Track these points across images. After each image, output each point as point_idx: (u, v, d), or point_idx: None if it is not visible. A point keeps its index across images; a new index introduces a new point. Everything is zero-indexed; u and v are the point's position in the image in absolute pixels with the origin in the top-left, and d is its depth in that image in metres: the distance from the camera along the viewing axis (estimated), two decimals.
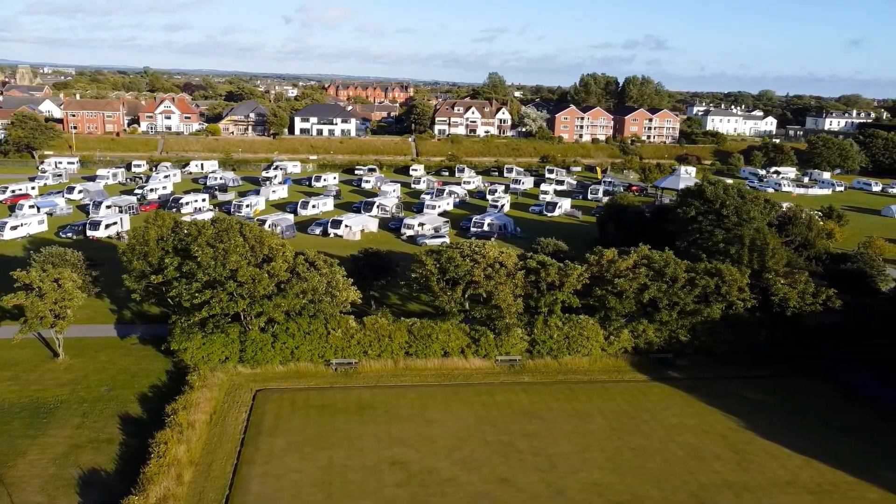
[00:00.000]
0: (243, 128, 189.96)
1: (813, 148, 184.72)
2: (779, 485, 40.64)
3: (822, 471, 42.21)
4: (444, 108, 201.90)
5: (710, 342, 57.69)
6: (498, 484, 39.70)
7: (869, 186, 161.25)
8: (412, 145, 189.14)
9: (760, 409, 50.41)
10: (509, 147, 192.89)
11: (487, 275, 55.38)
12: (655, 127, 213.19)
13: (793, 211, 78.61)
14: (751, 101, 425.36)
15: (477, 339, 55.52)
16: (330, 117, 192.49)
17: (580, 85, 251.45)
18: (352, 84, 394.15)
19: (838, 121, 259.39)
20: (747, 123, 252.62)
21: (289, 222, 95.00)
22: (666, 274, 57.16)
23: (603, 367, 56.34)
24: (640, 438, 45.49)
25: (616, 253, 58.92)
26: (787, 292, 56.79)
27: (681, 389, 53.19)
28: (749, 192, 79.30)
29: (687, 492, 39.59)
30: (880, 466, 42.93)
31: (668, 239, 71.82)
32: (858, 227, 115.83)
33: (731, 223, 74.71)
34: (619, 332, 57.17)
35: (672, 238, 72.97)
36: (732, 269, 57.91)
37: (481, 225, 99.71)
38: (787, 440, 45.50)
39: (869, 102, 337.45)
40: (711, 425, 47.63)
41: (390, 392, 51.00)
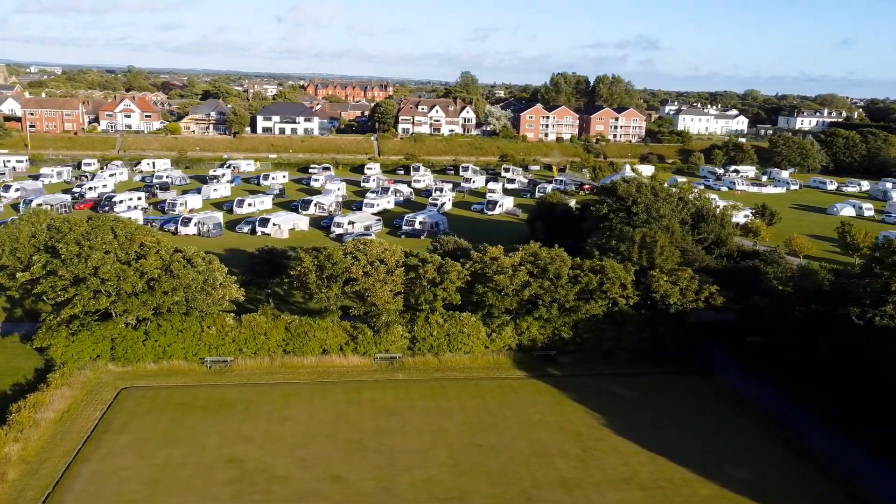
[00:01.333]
0: (204, 126, 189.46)
1: (774, 147, 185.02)
2: (614, 482, 40.56)
3: (665, 468, 42.15)
4: (408, 107, 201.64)
5: (592, 339, 57.61)
6: (329, 482, 39.55)
7: (824, 185, 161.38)
8: (374, 144, 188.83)
9: (627, 406, 50.42)
10: (472, 146, 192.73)
11: (366, 272, 55.21)
12: (622, 126, 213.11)
13: (706, 209, 78.52)
14: (736, 100, 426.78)
15: (355, 336, 55.37)
16: (293, 116, 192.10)
17: (551, 84, 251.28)
18: (331, 83, 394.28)
19: (809, 120, 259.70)
20: (719, 123, 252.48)
21: (216, 221, 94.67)
22: (549, 271, 57.09)
23: (483, 365, 56.26)
24: (492, 436, 45.37)
25: (502, 250, 58.80)
26: (667, 289, 56.75)
27: (555, 387, 53.09)
28: (663, 189, 79.18)
29: (518, 489, 39.48)
30: (726, 463, 42.91)
31: (586, 236, 71.98)
32: (802, 225, 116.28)
33: (640, 220, 74.67)
34: (502, 329, 57.07)
35: (588, 236, 73.03)
36: (616, 266, 57.87)
37: (412, 223, 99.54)
38: (641, 437, 45.41)
39: (844, 102, 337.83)
40: (571, 422, 47.55)
41: (258, 390, 50.87)
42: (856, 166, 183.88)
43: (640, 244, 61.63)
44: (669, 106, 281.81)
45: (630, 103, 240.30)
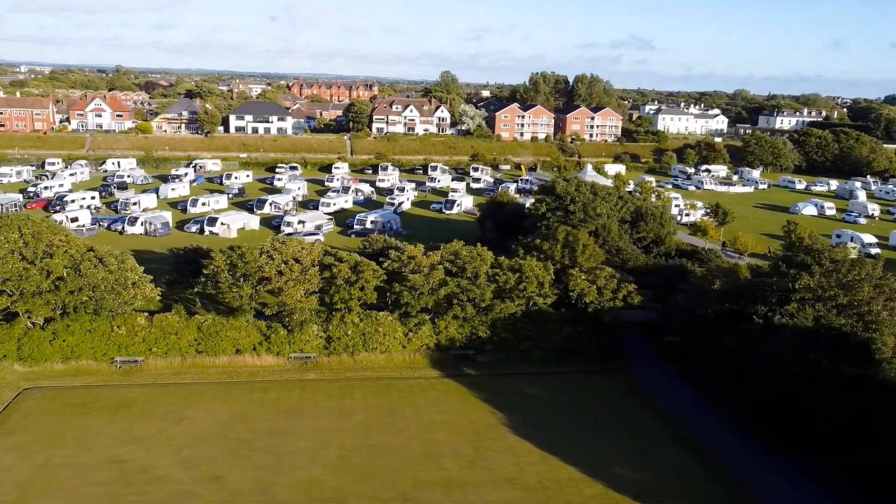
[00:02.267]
0: (177, 126, 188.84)
1: (746, 146, 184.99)
2: (499, 482, 40.20)
3: (555, 468, 41.80)
4: (382, 106, 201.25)
5: (510, 339, 57.22)
6: (207, 482, 39.14)
7: (793, 184, 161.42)
8: (347, 143, 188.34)
9: (536, 406, 50.08)
10: (446, 145, 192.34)
11: (280, 271, 54.80)
12: (598, 125, 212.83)
13: (645, 208, 78.19)
14: (725, 99, 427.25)
15: (269, 336, 54.98)
16: (266, 115, 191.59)
17: (530, 84, 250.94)
18: (316, 83, 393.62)
19: (789, 119, 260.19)
20: (699, 122, 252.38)
21: (164, 220, 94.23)
22: (467, 270, 56.76)
23: (399, 364, 55.88)
24: (388, 435, 44.99)
25: (421, 249, 58.44)
26: (585, 288, 56.42)
27: (467, 386, 52.73)
28: (602, 188, 78.95)
29: (398, 489, 39.10)
30: (617, 462, 42.59)
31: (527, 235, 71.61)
32: (760, 224, 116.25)
33: (576, 219, 74.44)
34: (419, 328, 56.69)
35: (528, 234, 72.67)
36: (534, 264, 57.53)
37: (363, 223, 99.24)
38: (540, 437, 45.05)
39: (827, 102, 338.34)
40: (472, 422, 47.17)
41: (163, 390, 50.45)
42: (828, 166, 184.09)
43: (562, 243, 61.31)
44: (650, 105, 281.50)
45: (608, 103, 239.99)
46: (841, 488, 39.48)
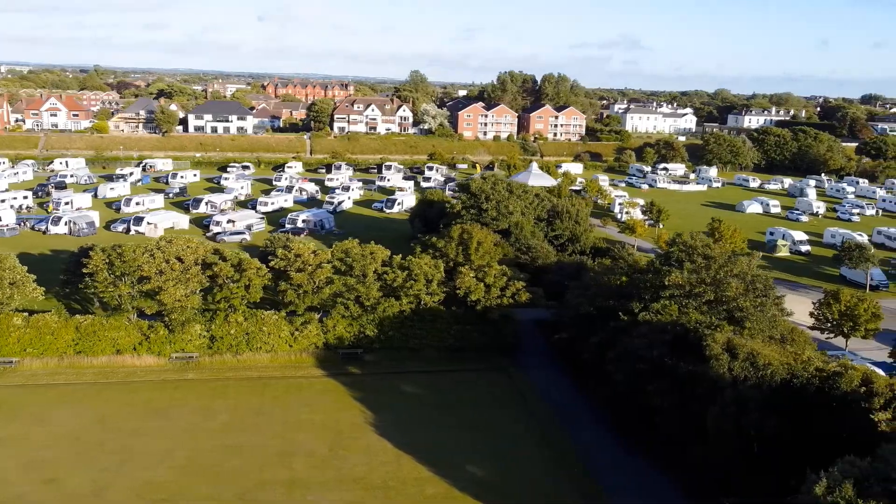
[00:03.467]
0: (134, 125, 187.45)
1: (706, 145, 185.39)
2: (344, 482, 39.69)
3: (405, 467, 41.32)
4: (343, 105, 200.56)
5: (399, 337, 56.75)
6: (41, 485, 38.45)
7: (747, 182, 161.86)
8: (307, 143, 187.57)
9: (411, 405, 49.59)
10: (407, 144, 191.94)
11: (160, 270, 54.10)
12: (562, 124, 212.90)
13: (561, 206, 77.96)
14: (706, 98, 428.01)
15: (149, 335, 54.27)
16: (225, 114, 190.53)
17: (497, 83, 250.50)
18: (291, 82, 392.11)
19: (757, 118, 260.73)
20: (667, 121, 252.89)
21: (89, 220, 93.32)
22: (354, 268, 56.25)
23: (284, 364, 55.28)
24: (247, 436, 44.40)
25: (311, 248, 57.88)
26: (471, 285, 55.98)
27: (348, 385, 52.17)
28: (519, 186, 78.68)
29: (238, 490, 38.52)
30: (473, 462, 42.15)
31: None
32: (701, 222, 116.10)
33: (489, 217, 74.15)
34: (305, 327, 56.13)
35: None
36: (422, 262, 57.08)
37: (294, 222, 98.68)
38: (402, 437, 44.52)
39: (799, 101, 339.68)
40: (338, 422, 46.62)
41: (33, 391, 49.68)
42: (787, 164, 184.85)
43: (457, 241, 60.90)
44: (619, 105, 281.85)
45: (575, 102, 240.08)
46: (688, 487, 39.23)
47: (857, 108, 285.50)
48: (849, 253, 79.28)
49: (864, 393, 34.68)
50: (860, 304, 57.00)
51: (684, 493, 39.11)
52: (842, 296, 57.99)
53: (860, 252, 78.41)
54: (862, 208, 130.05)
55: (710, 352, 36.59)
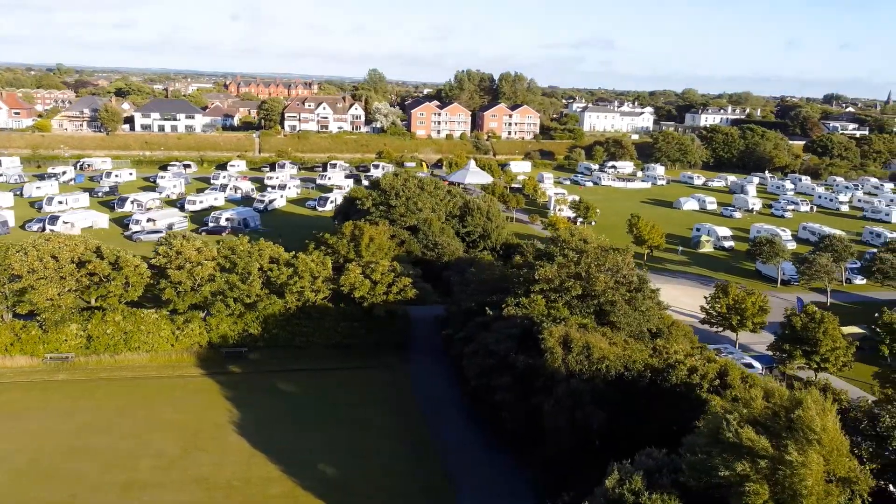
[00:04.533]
0: (78, 123, 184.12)
1: (655, 143, 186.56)
2: (186, 483, 38.76)
3: (255, 467, 40.53)
4: (294, 104, 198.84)
5: (284, 335, 55.90)
6: None
7: (691, 180, 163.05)
8: (256, 141, 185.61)
9: (281, 404, 48.76)
10: (358, 143, 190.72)
11: (33, 268, 52.65)
12: (516, 123, 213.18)
13: (473, 203, 77.59)
14: (674, 98, 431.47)
15: (20, 336, 52.82)
16: (173, 113, 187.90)
17: (455, 81, 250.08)
18: (254, 81, 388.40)
19: (713, 117, 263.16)
20: (625, 120, 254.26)
21: (1, 219, 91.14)
22: (238, 265, 55.26)
23: (164, 363, 54.11)
24: (100, 437, 43.26)
25: (196, 245, 56.77)
26: (355, 282, 55.27)
27: (224, 384, 51.19)
28: (431, 183, 78.13)
29: (69, 492, 37.46)
30: (328, 460, 41.49)
31: None
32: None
33: (397, 214, 73.53)
34: (187, 326, 55.04)
35: None
36: (308, 259, 56.27)
37: (217, 220, 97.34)
38: (261, 436, 43.71)
39: (758, 100, 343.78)
40: (201, 422, 45.64)
41: None
42: (734, 161, 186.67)
43: (349, 237, 60.16)
44: (577, 104, 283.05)
45: (532, 100, 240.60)
46: (535, 483, 38.88)
47: (812, 107, 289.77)
48: (759, 248, 79.84)
49: (692, 383, 34.58)
50: (747, 298, 57.22)
51: (532, 490, 38.74)
52: (730, 290, 58.20)
53: (770, 247, 78.99)
54: (797, 205, 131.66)
55: (544, 345, 36.25)
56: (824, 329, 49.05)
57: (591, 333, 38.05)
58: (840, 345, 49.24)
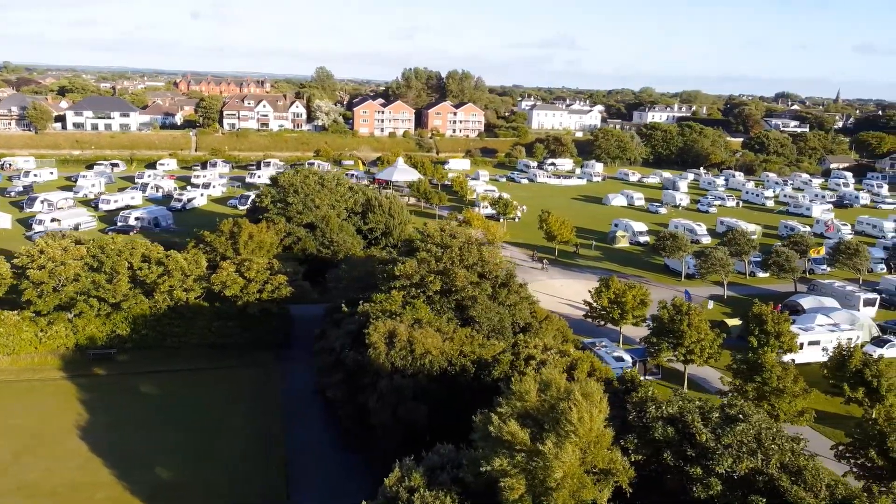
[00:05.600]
0: (7, 122, 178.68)
1: (595, 140, 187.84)
2: (8, 490, 37.20)
3: (90, 471, 39.14)
4: (233, 101, 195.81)
5: (153, 336, 54.39)
6: None
7: (627, 177, 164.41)
8: (192, 140, 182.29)
9: (136, 406, 47.24)
10: (299, 141, 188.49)
11: None
12: (460, 121, 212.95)
13: (375, 199, 76.68)
14: (631, 97, 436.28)
15: None
16: (107, 111, 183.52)
17: (402, 79, 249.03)
18: (205, 79, 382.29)
19: (660, 115, 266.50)
20: (573, 118, 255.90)
21: None
22: (105, 264, 53.57)
23: (25, 366, 52.08)
24: None
25: (63, 244, 54.95)
26: (227, 280, 53.98)
27: (83, 387, 49.42)
28: (332, 179, 77.02)
29: None
30: (167, 463, 40.25)
31: None
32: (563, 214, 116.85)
33: (293, 211, 72.31)
34: (51, 328, 53.17)
35: None
36: (179, 257, 54.85)
37: (126, 219, 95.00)
38: (103, 440, 42.21)
39: (706, 97, 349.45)
40: (45, 426, 43.96)
41: None
42: (673, 158, 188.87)
43: (227, 234, 58.84)
44: (526, 102, 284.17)
45: (479, 98, 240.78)
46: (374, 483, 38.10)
47: (756, 105, 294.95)
48: (662, 243, 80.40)
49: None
50: (628, 292, 57.29)
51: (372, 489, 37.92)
52: (612, 283, 58.21)
53: (673, 241, 79.57)
54: (723, 200, 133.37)
55: (368, 340, 35.55)
56: (688, 321, 49.23)
57: (423, 329, 37.42)
58: (706, 337, 49.46)
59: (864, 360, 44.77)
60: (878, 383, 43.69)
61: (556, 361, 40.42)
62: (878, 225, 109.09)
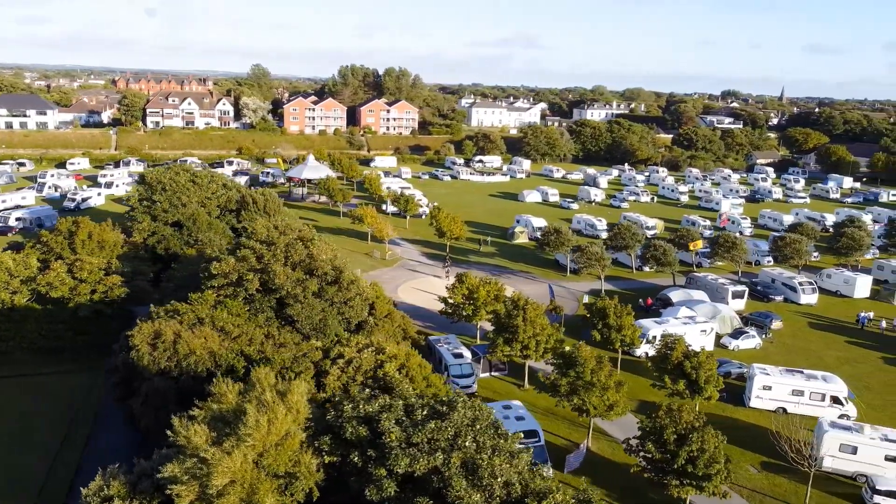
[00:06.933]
0: None
1: (524, 137, 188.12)
2: None
3: None
4: (157, 99, 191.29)
5: None
6: None
7: (552, 173, 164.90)
8: (112, 138, 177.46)
9: None
10: (225, 139, 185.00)
11: None
12: (394, 118, 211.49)
13: (251, 196, 74.83)
14: (587, 94, 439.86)
15: None
16: (23, 109, 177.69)
17: (339, 77, 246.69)
18: (145, 77, 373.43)
19: (599, 112, 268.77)
20: (512, 115, 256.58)
21: None
22: None
23: None
24: None
25: None
26: (53, 281, 51.72)
27: None
28: (205, 176, 74.97)
29: None
30: None
31: None
32: (474, 211, 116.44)
33: (159, 209, 70.08)
34: None
35: None
36: (6, 256, 52.39)
37: (6, 220, 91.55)
38: None
39: (650, 95, 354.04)
40: None
41: None
42: (602, 154, 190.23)
43: (65, 233, 56.52)
44: (465, 100, 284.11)
45: (416, 96, 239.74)
46: None
47: (694, 102, 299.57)
48: (546, 238, 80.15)
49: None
50: (481, 288, 56.53)
51: None
52: (465, 279, 57.41)
53: (557, 236, 79.36)
54: (637, 195, 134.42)
55: (131, 342, 34.01)
56: (523, 316, 48.62)
57: (201, 328, 35.97)
58: (542, 332, 48.90)
59: (685, 352, 44.65)
60: (697, 375, 43.62)
61: (364, 360, 39.57)
62: (777, 219, 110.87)
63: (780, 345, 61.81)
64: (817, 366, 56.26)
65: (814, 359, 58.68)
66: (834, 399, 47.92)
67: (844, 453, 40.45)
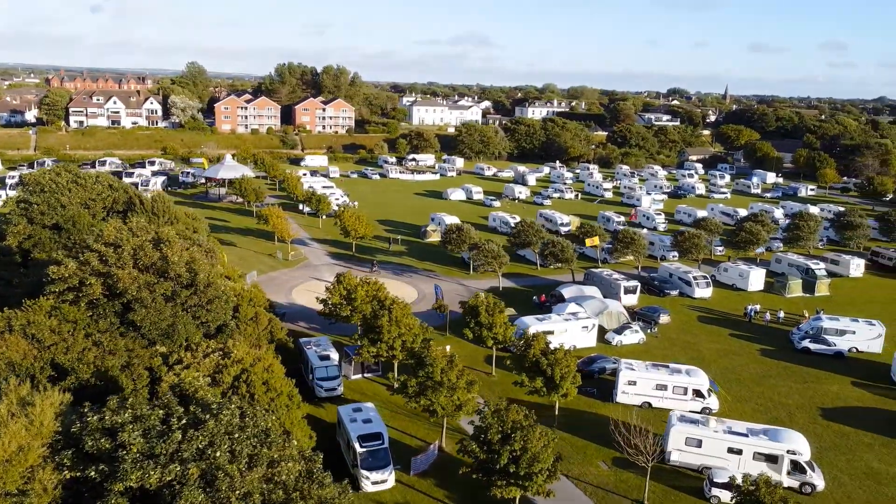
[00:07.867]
0: None
1: (458, 135, 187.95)
2: None
3: None
4: (81, 97, 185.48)
5: None
6: None
7: (483, 171, 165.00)
8: (32, 138, 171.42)
9: None
10: (152, 139, 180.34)
11: None
12: (329, 117, 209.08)
13: (137, 197, 72.54)
14: (535, 93, 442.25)
15: None
16: None
17: (276, 75, 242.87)
18: (80, 75, 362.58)
19: (540, 110, 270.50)
20: (453, 113, 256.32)
21: None
22: None
23: None
24: None
25: None
26: None
27: None
28: (90, 177, 72.39)
29: None
30: None
31: None
32: (394, 209, 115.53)
33: (36, 212, 67.34)
34: None
35: None
36: None
37: None
38: None
39: (594, 93, 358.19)
40: None
41: None
42: (537, 152, 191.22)
43: None
44: (407, 98, 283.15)
45: (355, 94, 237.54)
46: None
47: (634, 100, 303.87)
48: (448, 236, 79.70)
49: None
50: (360, 288, 55.57)
51: None
52: (344, 279, 56.40)
53: (458, 234, 78.95)
54: (562, 193, 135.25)
55: None
56: (389, 317, 47.84)
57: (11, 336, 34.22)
58: (408, 332, 48.18)
59: (542, 349, 44.44)
60: (553, 372, 43.44)
61: (202, 366, 38.52)
62: (692, 214, 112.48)
63: (665, 339, 62.33)
64: (695, 359, 56.93)
65: (693, 352, 59.31)
66: (696, 392, 48.32)
67: (690, 447, 40.70)
